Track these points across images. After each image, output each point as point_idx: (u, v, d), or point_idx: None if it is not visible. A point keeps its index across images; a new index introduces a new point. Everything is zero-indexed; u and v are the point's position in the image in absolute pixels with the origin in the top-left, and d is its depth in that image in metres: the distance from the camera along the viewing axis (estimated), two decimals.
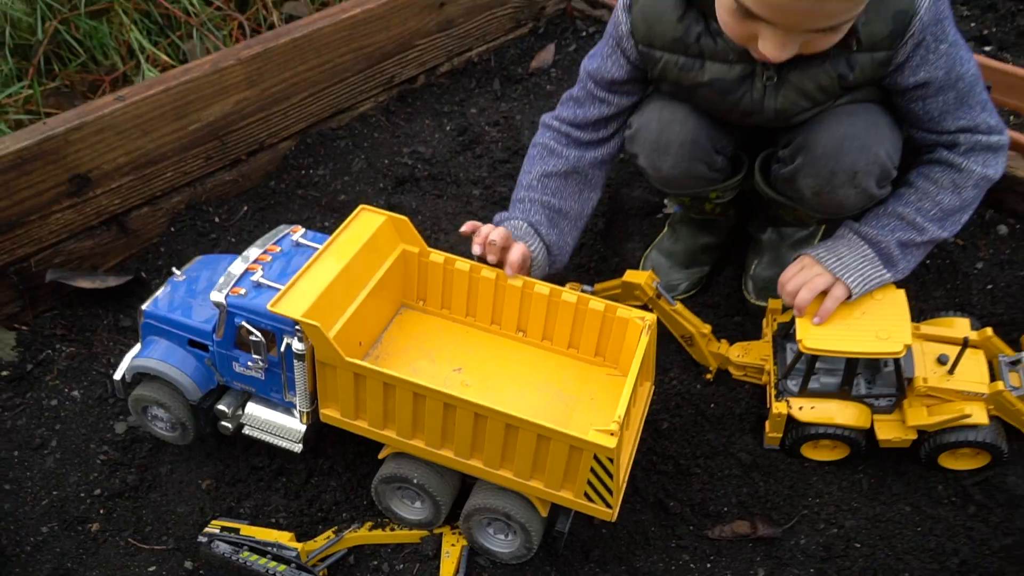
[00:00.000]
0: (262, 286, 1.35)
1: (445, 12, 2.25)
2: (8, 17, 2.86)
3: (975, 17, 2.49)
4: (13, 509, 1.49)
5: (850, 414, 1.49)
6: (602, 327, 1.42)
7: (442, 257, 1.47)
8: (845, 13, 1.22)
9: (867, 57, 1.38)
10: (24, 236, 1.71)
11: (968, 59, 1.42)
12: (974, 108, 1.43)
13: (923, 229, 1.44)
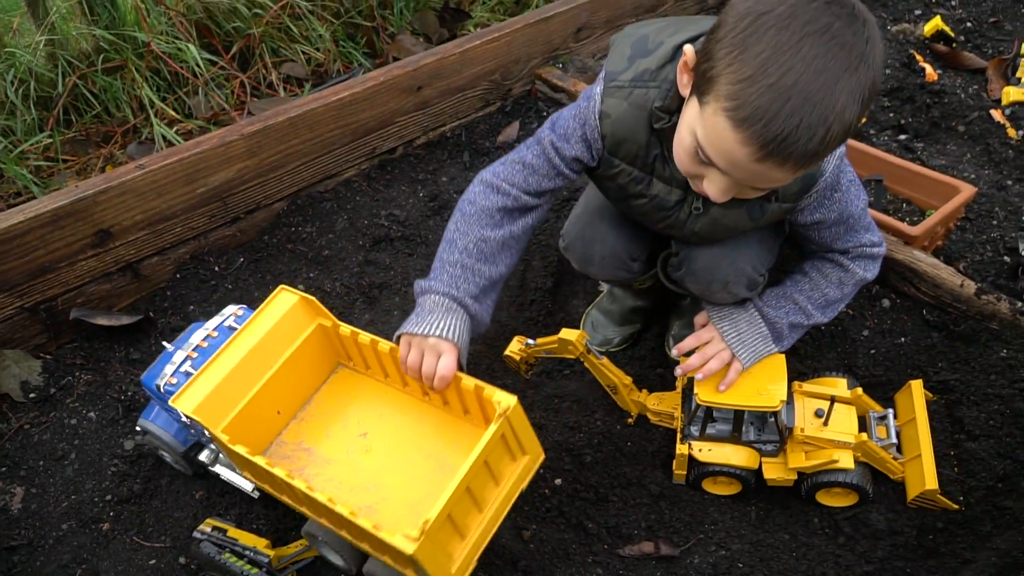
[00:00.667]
0: (189, 374, 1.57)
1: (422, 94, 2.50)
2: (33, 72, 3.12)
3: (895, 108, 2.77)
4: (39, 509, 1.74)
5: (741, 456, 1.74)
6: (480, 402, 1.49)
7: (349, 330, 1.59)
8: (785, 180, 1.35)
9: (777, 206, 1.56)
10: (54, 279, 1.99)
11: (857, 195, 1.61)
12: (859, 232, 1.65)
13: (810, 315, 1.69)
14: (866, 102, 1.24)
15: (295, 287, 2.16)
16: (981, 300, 1.85)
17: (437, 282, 1.56)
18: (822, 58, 1.18)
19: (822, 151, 1.25)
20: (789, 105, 1.19)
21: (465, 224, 1.60)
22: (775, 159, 1.25)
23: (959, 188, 2.08)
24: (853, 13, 1.21)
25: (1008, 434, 1.72)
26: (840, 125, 1.23)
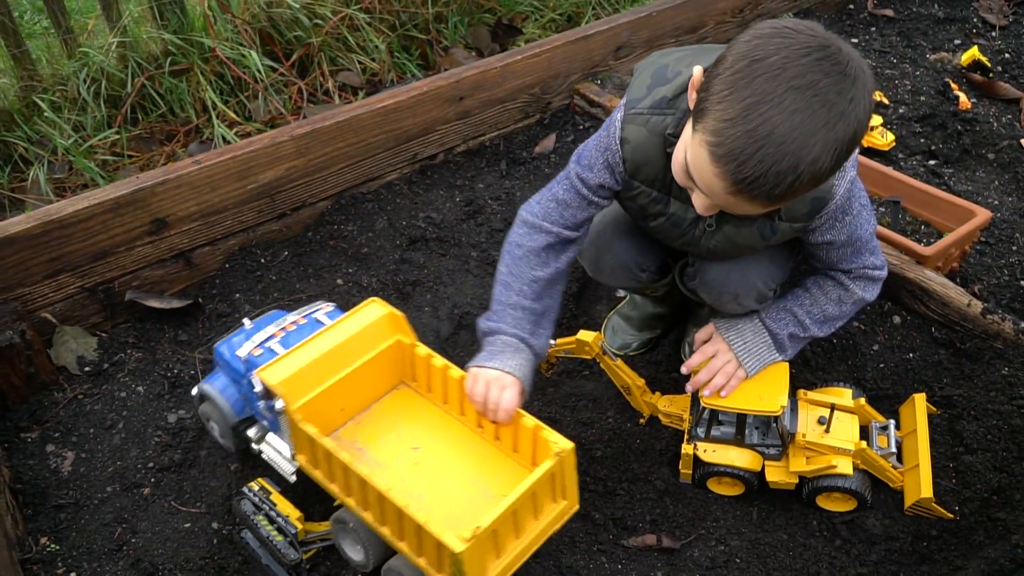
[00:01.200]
0: (274, 351, 1.69)
1: (464, 104, 2.63)
2: (104, 72, 3.31)
3: (926, 134, 2.83)
4: (87, 472, 1.89)
5: (745, 459, 1.82)
6: (534, 442, 1.57)
7: (425, 351, 1.70)
8: (761, 211, 1.44)
9: (787, 226, 1.64)
10: (113, 263, 2.15)
11: (867, 220, 1.68)
12: (864, 255, 1.72)
13: (807, 328, 1.77)
14: (840, 155, 1.32)
15: (334, 281, 2.32)
16: (987, 319, 1.91)
17: (503, 324, 1.67)
18: (801, 113, 1.26)
19: (790, 195, 1.35)
20: (761, 152, 1.28)
21: (516, 267, 1.71)
22: (744, 195, 1.35)
23: (975, 212, 2.14)
24: (843, 72, 1.29)
25: (1004, 448, 1.78)
26: (810, 175, 1.31)
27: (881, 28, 3.54)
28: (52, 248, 2.04)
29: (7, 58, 3.27)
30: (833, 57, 1.29)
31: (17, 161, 3.22)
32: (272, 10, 3.54)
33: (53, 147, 3.21)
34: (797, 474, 1.81)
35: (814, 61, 1.28)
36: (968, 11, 3.58)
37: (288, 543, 1.66)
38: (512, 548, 1.47)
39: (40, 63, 3.34)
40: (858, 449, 1.76)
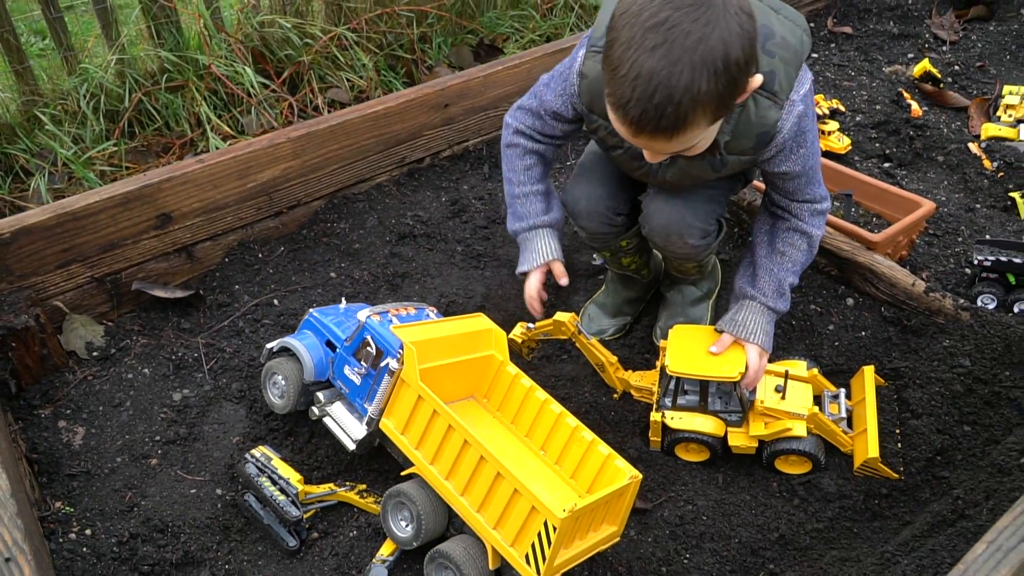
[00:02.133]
0: (392, 322, 1.85)
1: (449, 111, 2.79)
2: (103, 87, 3.46)
3: (880, 139, 3.02)
4: (97, 445, 2.01)
5: (709, 425, 1.97)
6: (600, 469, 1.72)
7: (515, 370, 1.87)
8: (678, 148, 1.56)
9: (735, 159, 1.78)
10: (120, 255, 2.29)
11: (816, 152, 1.82)
12: (815, 185, 1.87)
13: (791, 282, 1.93)
14: (719, 73, 1.42)
15: (328, 275, 2.46)
16: (929, 297, 2.08)
17: (517, 222, 2.02)
18: (661, 47, 1.40)
19: (683, 124, 1.45)
20: (639, 92, 1.42)
21: (511, 164, 2.02)
22: (645, 135, 1.49)
23: (920, 203, 2.32)
24: (695, 2, 1.40)
25: (946, 413, 1.94)
26: (691, 100, 1.42)
27: (840, 44, 3.76)
28: (65, 239, 2.18)
29: (10, 74, 3.42)
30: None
31: (19, 172, 3.35)
32: (265, 30, 3.71)
33: (53, 159, 3.34)
34: (757, 438, 1.96)
35: (665, 1, 1.41)
36: (921, 28, 3.81)
37: (290, 502, 1.79)
38: (576, 546, 1.60)
39: (41, 79, 3.49)
40: (811, 414, 1.92)
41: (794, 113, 1.71)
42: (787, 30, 1.70)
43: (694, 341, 1.99)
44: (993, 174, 2.87)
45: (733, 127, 1.71)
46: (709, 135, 1.61)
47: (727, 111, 1.57)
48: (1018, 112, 3.13)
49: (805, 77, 1.74)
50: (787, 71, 1.68)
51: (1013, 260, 2.22)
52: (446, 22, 4.07)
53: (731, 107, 1.57)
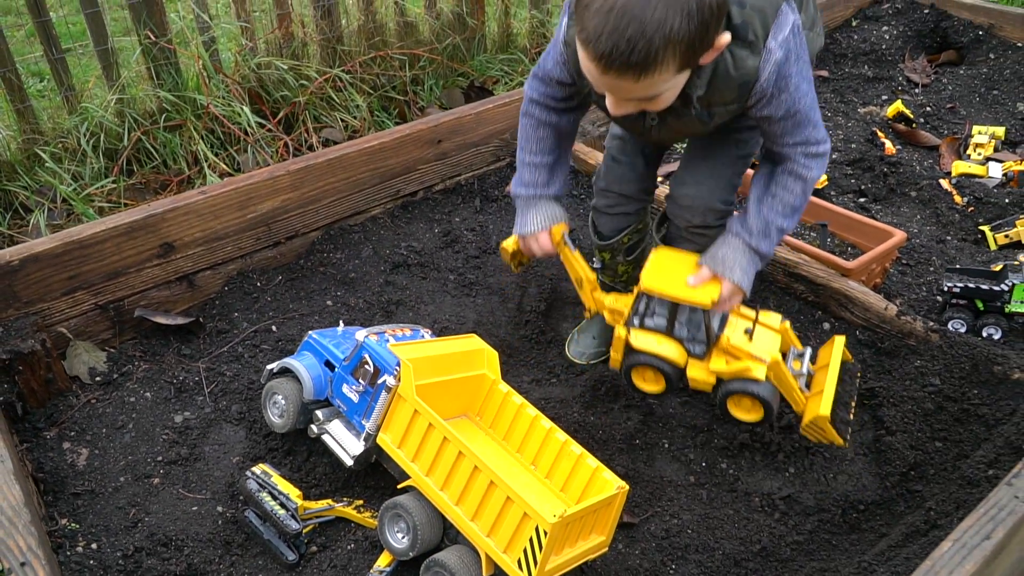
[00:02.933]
0: (388, 342, 1.92)
1: (442, 147, 2.90)
2: (103, 126, 3.56)
3: (856, 175, 3.15)
4: (100, 465, 2.07)
5: (670, 350, 1.96)
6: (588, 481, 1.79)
7: (507, 388, 1.95)
8: (646, 91, 1.57)
9: (722, 108, 1.77)
10: (124, 283, 2.37)
11: (806, 93, 1.76)
12: (806, 127, 1.81)
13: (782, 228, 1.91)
14: (692, 14, 1.43)
15: (324, 303, 2.55)
16: (901, 320, 2.18)
17: (521, 187, 2.07)
18: None
19: (652, 61, 1.46)
20: (610, 25, 1.43)
21: (524, 132, 2.04)
22: (613, 72, 1.49)
23: (892, 233, 2.44)
24: None
25: (919, 429, 2.03)
26: (662, 37, 1.43)
27: (818, 86, 3.91)
28: (71, 267, 2.25)
29: (12, 113, 3.51)
30: None
31: (18, 208, 3.44)
32: (262, 71, 3.84)
33: (52, 196, 3.43)
34: (716, 374, 1.96)
35: None
36: (895, 71, 3.97)
37: (290, 516, 1.85)
38: (565, 553, 1.66)
39: (42, 118, 3.59)
40: (773, 361, 1.91)
41: (771, 60, 1.68)
42: None
43: (673, 264, 1.99)
44: (963, 209, 2.99)
45: (708, 79, 1.70)
46: (674, 86, 1.61)
47: (694, 60, 1.57)
48: (987, 151, 3.27)
49: (784, 21, 1.69)
50: (761, 18, 1.66)
51: (981, 287, 2.33)
52: (438, 65, 4.21)
53: (698, 56, 1.56)
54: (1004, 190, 3.07)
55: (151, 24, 3.51)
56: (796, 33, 1.71)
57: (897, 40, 4.12)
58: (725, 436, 2.16)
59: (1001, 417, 1.98)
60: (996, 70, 3.87)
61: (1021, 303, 2.32)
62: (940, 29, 4.12)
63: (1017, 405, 1.97)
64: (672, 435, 2.18)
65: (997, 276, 2.35)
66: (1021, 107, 3.61)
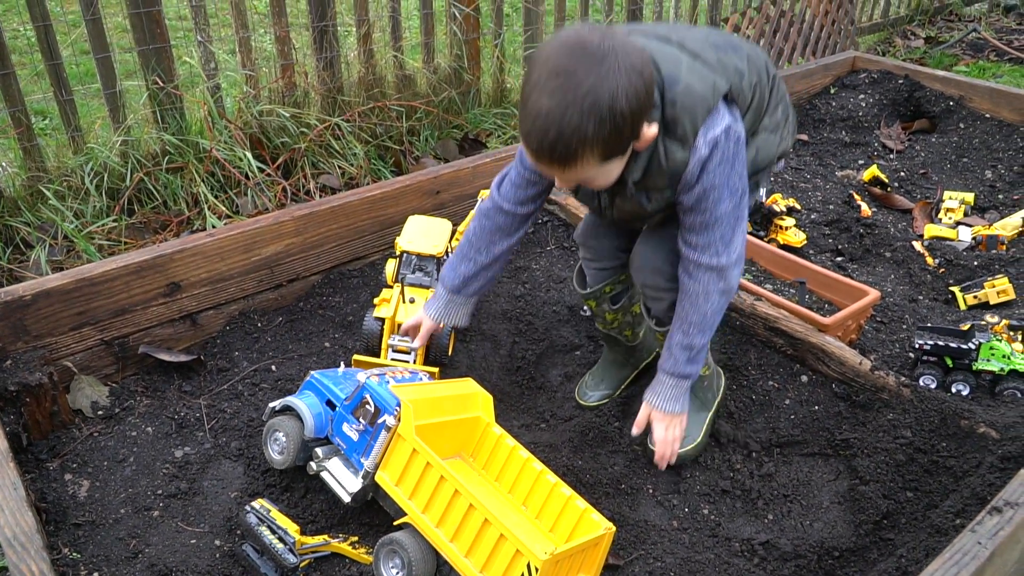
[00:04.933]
0: (389, 383, 2.01)
1: (440, 197, 3.01)
2: (107, 166, 3.66)
3: (833, 235, 3.29)
4: (101, 497, 2.12)
5: None
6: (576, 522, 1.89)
7: (501, 431, 2.05)
8: (571, 179, 1.77)
9: (657, 194, 1.91)
10: (129, 320, 2.45)
11: (725, 199, 1.86)
12: (713, 233, 1.90)
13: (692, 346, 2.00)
14: (604, 120, 1.60)
15: (323, 344, 2.63)
16: (875, 374, 2.29)
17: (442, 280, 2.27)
18: (557, 92, 1.60)
19: (572, 157, 1.65)
20: (535, 127, 1.63)
21: (475, 235, 2.22)
22: (543, 163, 1.70)
23: (867, 291, 2.56)
24: (592, 56, 1.59)
25: (891, 479, 2.13)
26: (578, 139, 1.61)
27: (797, 150, 4.09)
28: (81, 303, 2.33)
29: (18, 150, 3.61)
30: (585, 47, 1.61)
31: (19, 244, 3.52)
32: (264, 118, 3.96)
33: (54, 233, 3.51)
34: None
35: (568, 52, 1.61)
36: (871, 137, 4.15)
37: (288, 549, 1.92)
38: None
39: (47, 156, 3.68)
40: None
41: (696, 156, 1.81)
42: (696, 77, 1.78)
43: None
44: (935, 270, 3.14)
45: (644, 166, 1.85)
46: (606, 172, 1.77)
47: (618, 153, 1.73)
48: (957, 215, 3.43)
49: (715, 121, 1.81)
50: (691, 116, 1.78)
51: (950, 345, 2.45)
52: (433, 117, 4.36)
53: (623, 150, 1.74)
54: (973, 253, 3.22)
55: (159, 70, 3.63)
56: (729, 136, 1.82)
57: (873, 108, 4.31)
58: (707, 483, 2.26)
59: (968, 469, 2.08)
60: (966, 139, 4.06)
61: (987, 361, 2.44)
62: (914, 99, 4.32)
63: (983, 458, 2.07)
64: (656, 480, 2.26)
65: (965, 335, 2.47)
66: (989, 175, 3.79)
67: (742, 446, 2.31)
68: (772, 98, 2.03)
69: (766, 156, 2.05)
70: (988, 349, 2.45)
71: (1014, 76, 5.77)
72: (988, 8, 7.65)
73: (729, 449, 2.32)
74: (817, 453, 2.30)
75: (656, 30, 1.91)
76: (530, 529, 1.94)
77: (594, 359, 2.64)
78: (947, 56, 6.19)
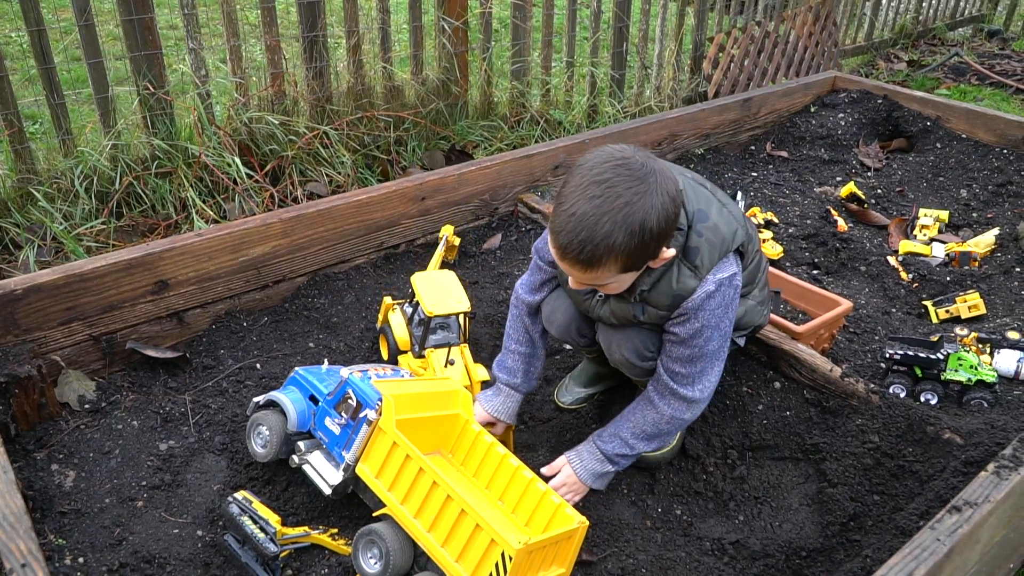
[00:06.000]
0: (370, 380, 2.05)
1: (425, 204, 3.07)
2: (96, 170, 3.69)
3: (810, 249, 3.36)
4: (87, 487, 2.16)
5: None
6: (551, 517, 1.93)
7: (480, 428, 2.11)
8: (591, 280, 1.85)
9: (653, 311, 2.02)
10: (118, 317, 2.49)
11: (714, 343, 2.02)
12: (692, 366, 2.05)
13: (634, 447, 2.15)
14: (635, 233, 1.72)
15: (307, 344, 2.68)
16: (844, 381, 2.36)
17: (497, 368, 2.38)
18: (597, 199, 1.72)
19: (595, 260, 1.75)
20: (569, 226, 1.74)
21: (511, 321, 2.38)
22: (567, 260, 1.79)
23: (839, 302, 2.63)
24: (635, 175, 1.73)
25: (859, 483, 2.19)
26: (606, 245, 1.72)
27: (777, 166, 4.17)
28: (70, 298, 2.37)
29: (10, 153, 3.65)
30: (629, 165, 1.75)
31: (8, 244, 3.55)
32: (253, 125, 4.02)
33: (43, 234, 3.55)
34: None
35: (613, 166, 1.75)
36: (849, 155, 4.25)
37: (269, 539, 1.96)
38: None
39: (37, 159, 3.72)
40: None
41: (705, 290, 1.96)
42: (723, 220, 1.99)
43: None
44: (908, 284, 3.22)
45: (654, 282, 1.98)
46: (622, 280, 1.90)
47: (637, 266, 1.85)
48: (931, 232, 3.52)
49: (727, 266, 1.99)
50: (711, 252, 1.96)
51: (919, 355, 2.52)
52: (421, 128, 4.42)
53: (640, 264, 1.85)
54: (946, 269, 3.30)
55: (150, 76, 3.68)
56: (732, 283, 2.00)
57: (852, 127, 4.41)
58: (680, 484, 2.31)
59: (933, 473, 2.15)
60: (942, 158, 4.16)
61: (955, 371, 2.51)
62: (892, 118, 4.42)
63: (947, 463, 2.14)
64: (631, 481, 2.31)
65: (934, 346, 2.55)
66: (964, 193, 3.88)
67: (716, 450, 2.37)
68: (761, 273, 2.27)
69: (748, 322, 2.27)
70: (956, 360, 2.52)
71: (995, 100, 5.90)
72: (971, 33, 7.81)
73: (702, 452, 2.37)
74: (788, 457, 2.36)
75: (694, 173, 2.09)
76: (505, 521, 1.99)
77: (573, 363, 2.70)
78: (929, 79, 6.31)
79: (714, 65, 5.24)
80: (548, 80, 4.87)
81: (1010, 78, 6.30)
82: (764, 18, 5.56)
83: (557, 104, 4.95)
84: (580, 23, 5.30)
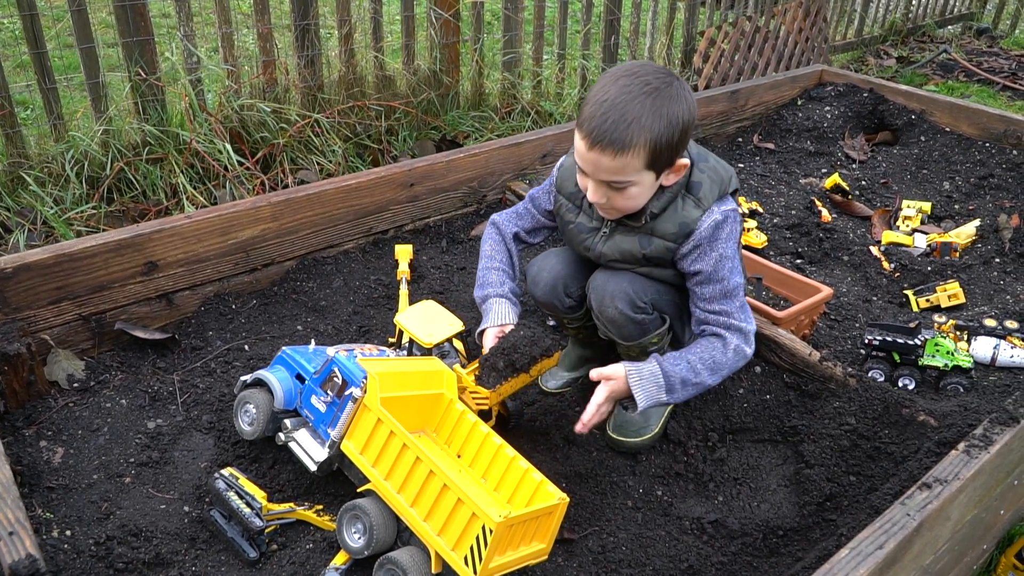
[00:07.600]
0: (356, 359, 2.08)
1: (414, 190, 3.10)
2: (88, 155, 3.72)
3: (794, 239, 3.40)
4: (75, 464, 2.18)
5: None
6: (533, 493, 1.94)
7: (463, 407, 2.09)
8: (615, 169, 1.88)
9: (660, 242, 2.08)
10: (107, 297, 2.52)
11: (735, 275, 2.10)
12: (732, 302, 2.11)
13: (698, 373, 2.12)
14: (663, 117, 1.83)
15: (295, 327, 2.71)
16: (823, 365, 2.40)
17: (479, 291, 2.35)
18: (628, 87, 1.84)
19: (627, 143, 1.83)
20: (600, 112, 1.84)
21: (484, 246, 2.41)
22: (597, 147, 1.86)
23: (820, 288, 2.68)
24: (664, 76, 1.88)
25: (835, 464, 2.23)
26: (638, 126, 1.82)
27: (764, 157, 4.22)
28: (60, 278, 2.40)
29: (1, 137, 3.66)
30: (659, 68, 1.89)
31: None
32: (244, 112, 4.04)
33: (33, 218, 3.57)
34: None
35: (641, 64, 1.90)
36: (835, 148, 4.29)
37: (254, 514, 1.99)
38: (508, 554, 1.80)
39: (29, 144, 3.74)
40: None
41: (712, 217, 2.05)
42: (720, 166, 2.13)
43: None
44: (890, 274, 3.26)
45: (663, 206, 2.06)
46: (642, 188, 1.96)
47: (659, 165, 1.92)
48: (914, 223, 3.56)
49: (729, 201, 2.10)
50: (711, 187, 2.06)
51: (897, 340, 2.57)
52: (412, 117, 4.45)
53: (662, 163, 1.93)
54: (928, 259, 3.34)
55: (142, 62, 3.70)
56: (735, 218, 2.11)
57: (838, 120, 4.45)
58: (662, 466, 2.35)
59: (907, 455, 2.19)
60: (926, 151, 4.21)
61: (932, 357, 2.56)
62: (877, 112, 4.47)
63: (921, 444, 2.18)
64: (613, 463, 2.35)
65: (912, 332, 2.59)
66: (947, 186, 3.93)
67: (697, 433, 2.41)
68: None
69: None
70: (933, 345, 2.56)
71: (982, 96, 5.95)
72: (960, 30, 7.86)
73: (684, 436, 2.41)
74: (767, 439, 2.40)
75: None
76: (487, 497, 2.02)
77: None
78: (917, 75, 6.37)
79: (704, 59, 5.27)
80: (539, 72, 4.91)
81: (997, 75, 6.35)
82: (755, 13, 5.60)
83: (548, 96, 4.98)
84: (572, 16, 5.33)
